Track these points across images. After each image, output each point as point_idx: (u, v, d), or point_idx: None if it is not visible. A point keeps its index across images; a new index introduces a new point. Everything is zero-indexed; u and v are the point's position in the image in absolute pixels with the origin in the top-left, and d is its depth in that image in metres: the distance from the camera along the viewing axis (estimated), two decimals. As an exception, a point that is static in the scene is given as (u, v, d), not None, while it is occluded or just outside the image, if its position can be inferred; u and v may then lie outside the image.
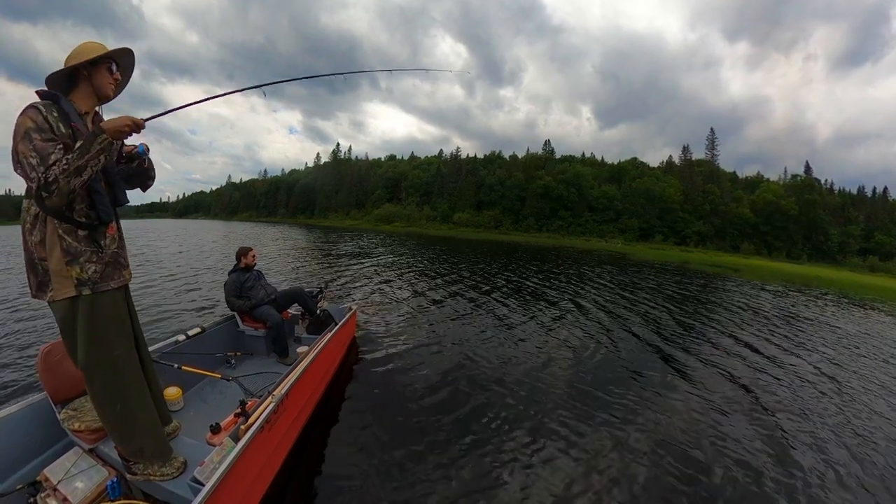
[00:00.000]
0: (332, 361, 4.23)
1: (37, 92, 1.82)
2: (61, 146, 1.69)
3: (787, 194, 54.23)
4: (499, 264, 16.74)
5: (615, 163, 73.19)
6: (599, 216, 58.28)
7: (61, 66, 1.88)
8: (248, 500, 2.26)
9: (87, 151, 1.64)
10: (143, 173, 2.16)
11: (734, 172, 68.49)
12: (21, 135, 1.66)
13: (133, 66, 2.11)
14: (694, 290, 12.98)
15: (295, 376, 2.94)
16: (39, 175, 1.60)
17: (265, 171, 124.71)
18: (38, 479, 2.07)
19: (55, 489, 1.99)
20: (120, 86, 2.06)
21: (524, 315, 7.62)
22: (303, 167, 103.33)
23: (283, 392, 2.68)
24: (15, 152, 1.69)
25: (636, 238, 52.95)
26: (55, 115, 1.75)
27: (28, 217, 1.77)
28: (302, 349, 3.91)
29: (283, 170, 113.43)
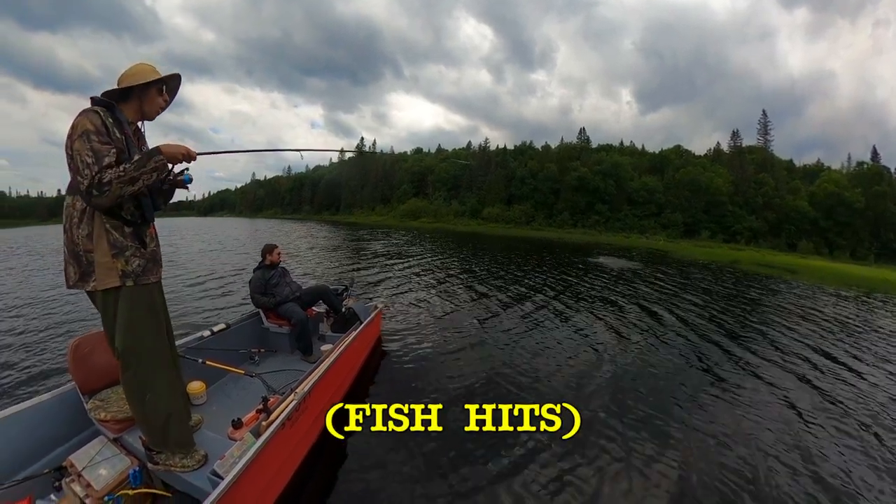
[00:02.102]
0: (356, 360, 4.31)
1: (91, 98, 2.00)
2: (115, 150, 1.86)
3: (851, 185, 50.77)
4: (531, 262, 16.60)
5: (657, 151, 70.04)
6: (640, 210, 55.93)
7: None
8: (266, 495, 2.34)
9: (143, 166, 1.86)
10: (170, 195, 2.37)
11: (791, 160, 64.35)
12: (79, 133, 1.83)
13: (178, 87, 2.30)
14: (748, 293, 12.38)
15: (318, 374, 3.01)
16: (93, 173, 1.77)
17: (289, 167, 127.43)
18: (63, 464, 2.23)
19: (80, 475, 2.14)
20: (165, 107, 2.24)
21: (560, 318, 7.48)
22: (327, 163, 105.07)
23: (305, 390, 2.76)
24: (69, 149, 1.85)
25: (680, 234, 50.37)
26: (111, 121, 1.94)
27: (75, 213, 1.93)
28: (326, 347, 3.99)
29: (307, 166, 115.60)
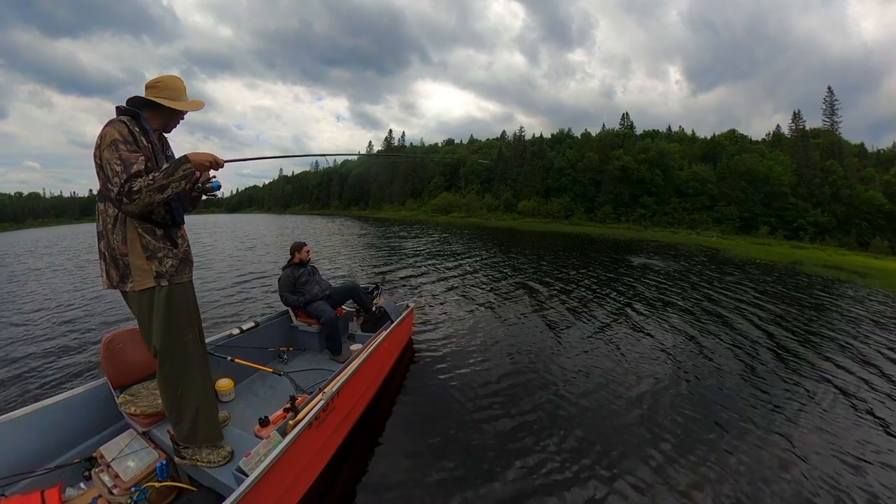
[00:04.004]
0: (385, 361, 4.35)
1: (116, 108, 2.13)
2: (143, 157, 1.98)
3: (934, 172, 46.97)
4: (571, 262, 16.31)
5: (708, 137, 66.71)
6: (690, 203, 53.14)
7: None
8: (290, 495, 2.41)
9: (172, 175, 1.98)
10: (198, 200, 2.50)
11: (861, 144, 59.41)
12: (108, 143, 1.95)
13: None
14: (810, 299, 11.55)
15: (347, 375, 3.07)
16: (122, 181, 1.88)
17: (316, 162, 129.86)
18: (94, 455, 2.40)
19: (108, 466, 2.29)
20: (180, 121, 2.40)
21: (602, 325, 7.19)
22: (355, 157, 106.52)
23: (333, 390, 2.82)
24: (98, 158, 1.98)
25: (735, 230, 47.51)
26: (137, 129, 2.07)
27: (109, 219, 2.07)
28: (355, 347, 4.06)
29: (334, 160, 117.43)
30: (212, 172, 2.28)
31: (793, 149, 52.95)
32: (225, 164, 2.24)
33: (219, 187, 2.39)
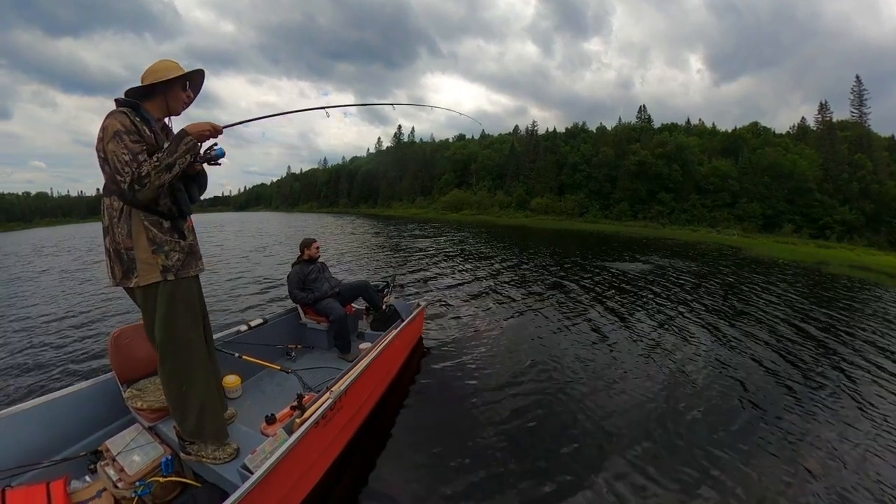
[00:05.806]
0: (395, 361, 4.37)
1: (116, 100, 2.13)
2: (146, 147, 2.00)
3: (970, 166, 45.43)
4: (586, 261, 16.18)
5: (729, 130, 65.00)
6: (710, 199, 51.90)
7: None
8: (295, 493, 2.43)
9: (175, 151, 2.02)
10: (202, 180, 2.46)
11: (892, 137, 56.67)
12: (111, 135, 1.96)
13: (202, 83, 2.42)
14: (832, 305, 11.10)
15: (355, 374, 3.08)
16: (133, 170, 1.91)
17: (325, 159, 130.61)
18: (99, 448, 2.45)
19: (114, 460, 2.33)
20: (189, 103, 2.37)
21: (622, 327, 7.03)
22: (364, 153, 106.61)
23: (341, 389, 2.84)
24: (102, 151, 2.00)
25: (758, 228, 46.15)
26: (138, 119, 2.08)
27: (114, 213, 2.08)
28: (364, 346, 4.09)
29: (343, 157, 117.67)
30: (212, 141, 2.24)
31: (819, 142, 51.42)
32: (224, 129, 2.25)
33: (223, 154, 2.31)
